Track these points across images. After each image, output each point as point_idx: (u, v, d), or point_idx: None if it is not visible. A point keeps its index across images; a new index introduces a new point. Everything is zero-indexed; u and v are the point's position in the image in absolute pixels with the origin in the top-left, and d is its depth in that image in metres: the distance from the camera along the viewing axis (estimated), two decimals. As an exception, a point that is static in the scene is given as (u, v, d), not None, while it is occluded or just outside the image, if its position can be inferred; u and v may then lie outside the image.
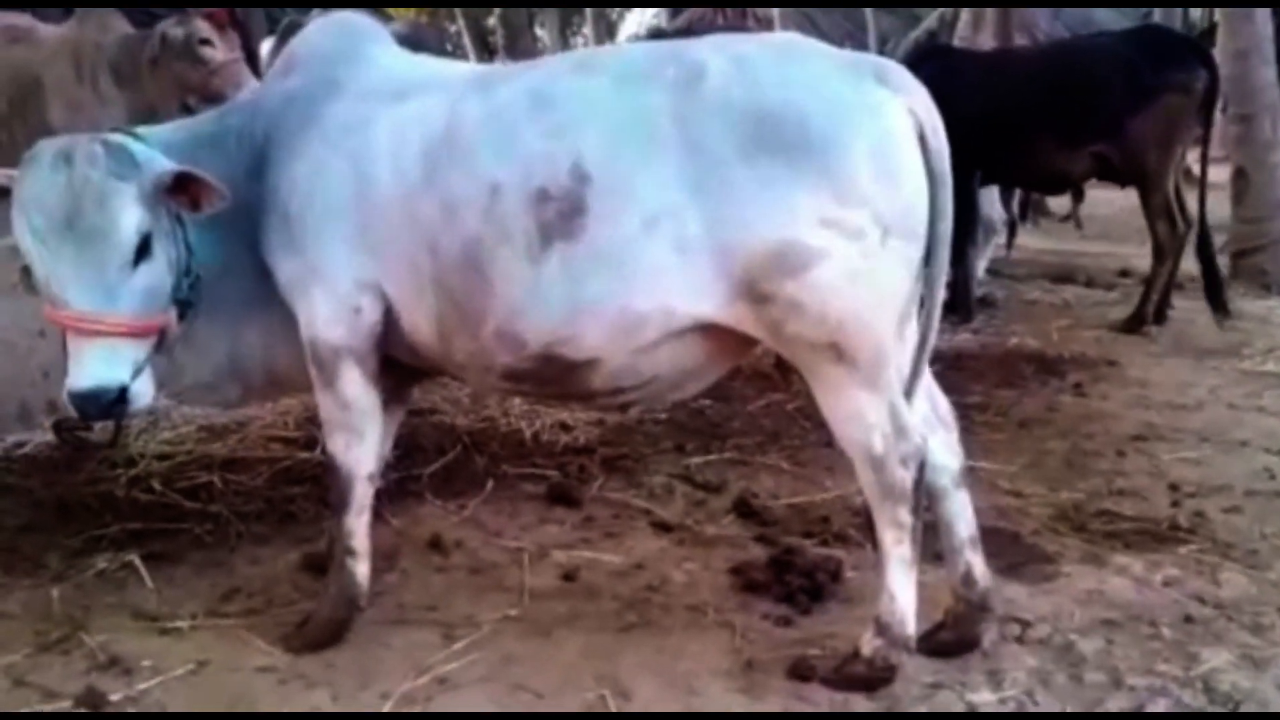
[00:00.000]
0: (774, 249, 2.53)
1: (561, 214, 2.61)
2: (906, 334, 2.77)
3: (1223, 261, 8.45)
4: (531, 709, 2.68)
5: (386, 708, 2.68)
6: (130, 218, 2.60)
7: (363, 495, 3.02)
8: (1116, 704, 2.70)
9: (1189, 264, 7.24)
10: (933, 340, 2.80)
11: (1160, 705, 2.67)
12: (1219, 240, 7.66)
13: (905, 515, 2.70)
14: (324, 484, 3.88)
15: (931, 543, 2.89)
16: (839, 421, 2.70)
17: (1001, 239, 8.99)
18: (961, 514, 2.91)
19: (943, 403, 2.96)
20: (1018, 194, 10.01)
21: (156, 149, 2.78)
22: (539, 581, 3.40)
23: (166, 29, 5.86)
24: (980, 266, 8.02)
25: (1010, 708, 2.70)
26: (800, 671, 2.83)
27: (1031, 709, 2.68)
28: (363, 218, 2.81)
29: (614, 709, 2.67)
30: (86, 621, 3.07)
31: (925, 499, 2.76)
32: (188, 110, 6.14)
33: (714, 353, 2.79)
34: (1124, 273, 9.15)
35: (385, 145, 2.80)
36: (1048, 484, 4.23)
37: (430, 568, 3.50)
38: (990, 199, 8.17)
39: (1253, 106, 8.67)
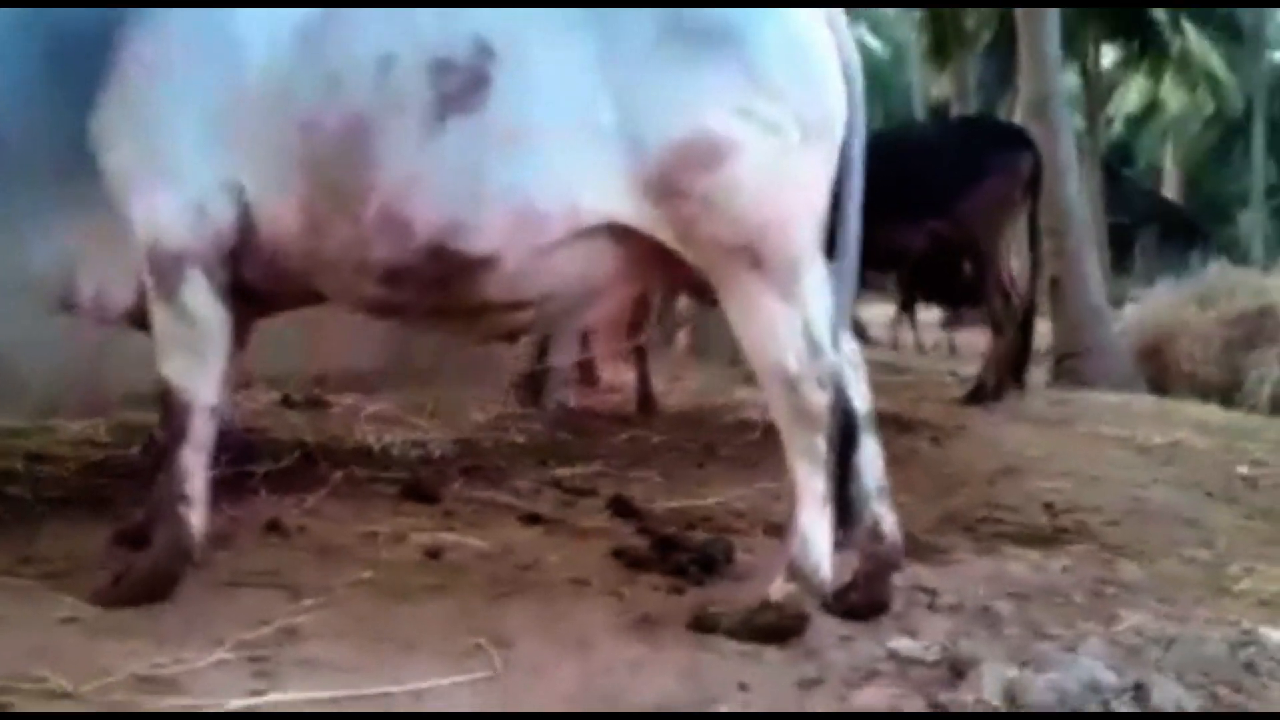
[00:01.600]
0: (689, 139, 2.38)
1: (463, 86, 2.39)
2: (818, 262, 2.60)
3: (1047, 365, 9.10)
4: (397, 660, 2.27)
5: (220, 655, 2.24)
6: None
7: (202, 429, 2.62)
8: (1041, 651, 2.50)
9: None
10: (853, 273, 2.64)
11: (1089, 650, 2.48)
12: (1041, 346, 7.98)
13: (820, 443, 2.49)
14: (141, 475, 3.48)
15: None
16: (751, 338, 2.51)
17: None
18: (871, 463, 2.70)
19: (849, 343, 2.78)
20: None
21: None
22: (397, 556, 3.02)
23: None
24: None
25: (934, 655, 2.46)
26: (703, 623, 2.54)
27: (959, 657, 2.44)
28: (221, 100, 2.51)
29: (497, 661, 2.29)
30: None
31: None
32: None
33: (619, 266, 2.57)
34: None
35: (255, 19, 2.53)
36: (924, 500, 4.07)
37: (270, 544, 3.06)
38: None
39: (1062, 223, 9.13)
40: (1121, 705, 2.17)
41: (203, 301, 2.57)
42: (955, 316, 12.79)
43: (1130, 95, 30.81)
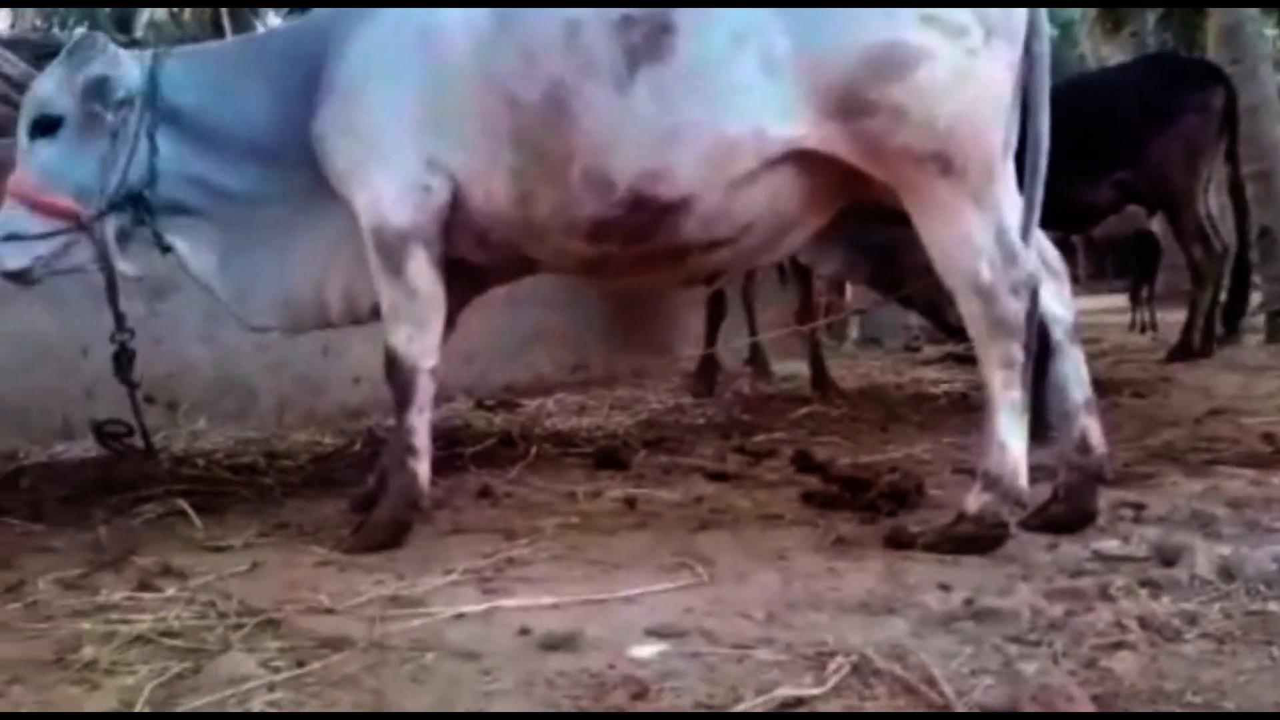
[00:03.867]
0: (875, 52, 2.46)
1: (648, 36, 2.57)
2: (1009, 166, 2.65)
3: (1256, 323, 8.38)
4: (610, 579, 2.46)
5: (453, 579, 2.49)
6: (38, 92, 2.96)
7: (425, 390, 2.88)
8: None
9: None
10: (1043, 172, 2.65)
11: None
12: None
13: (1016, 351, 2.52)
14: (363, 461, 3.83)
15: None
16: (944, 246, 2.56)
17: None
18: (1075, 374, 2.71)
19: (1050, 249, 2.78)
20: None
21: (178, 70, 2.99)
22: (596, 507, 3.24)
23: None
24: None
25: (1142, 552, 2.45)
26: (899, 539, 2.61)
27: (1167, 546, 2.41)
28: (430, 87, 2.77)
29: (703, 576, 2.44)
30: (137, 548, 2.87)
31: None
32: None
33: (808, 194, 2.68)
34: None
35: (451, 13, 2.78)
36: (1128, 440, 3.92)
37: (482, 505, 3.33)
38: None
39: (1268, 163, 8.46)
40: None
41: (425, 275, 2.83)
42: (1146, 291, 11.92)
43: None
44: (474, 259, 2.96)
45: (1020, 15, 2.56)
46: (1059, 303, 2.72)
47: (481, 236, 2.87)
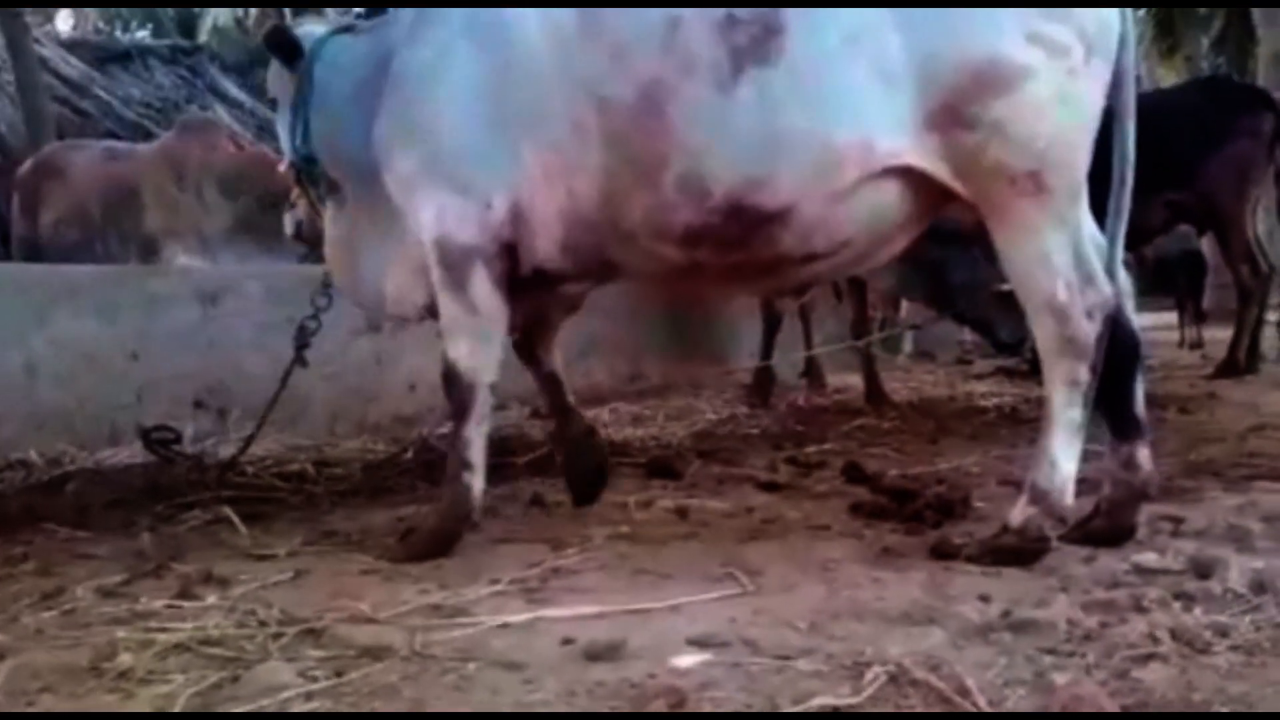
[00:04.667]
0: (980, 66, 2.42)
1: (755, 37, 2.49)
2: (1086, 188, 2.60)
3: None
4: (656, 589, 2.44)
5: (498, 589, 2.47)
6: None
7: (483, 404, 2.85)
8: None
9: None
10: (1129, 186, 2.61)
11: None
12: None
13: (1083, 373, 2.49)
14: (418, 463, 3.84)
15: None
16: (1023, 265, 2.52)
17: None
18: (1133, 394, 2.65)
19: (1122, 273, 2.71)
20: None
21: (340, 44, 3.12)
22: (647, 516, 3.23)
23: None
24: None
25: (1179, 565, 2.44)
26: (943, 550, 2.60)
27: (1202, 559, 2.42)
28: (501, 91, 2.71)
29: (747, 582, 2.44)
30: (180, 556, 2.88)
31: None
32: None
33: (905, 209, 2.61)
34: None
35: (526, 13, 2.71)
36: (1171, 455, 3.89)
37: (533, 514, 3.33)
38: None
39: None
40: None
41: (487, 292, 2.79)
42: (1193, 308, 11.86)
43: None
44: (552, 266, 2.86)
45: (1114, 30, 2.50)
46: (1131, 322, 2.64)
47: (563, 240, 2.78)
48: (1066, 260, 2.47)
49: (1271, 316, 7.56)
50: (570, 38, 2.65)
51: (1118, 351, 2.53)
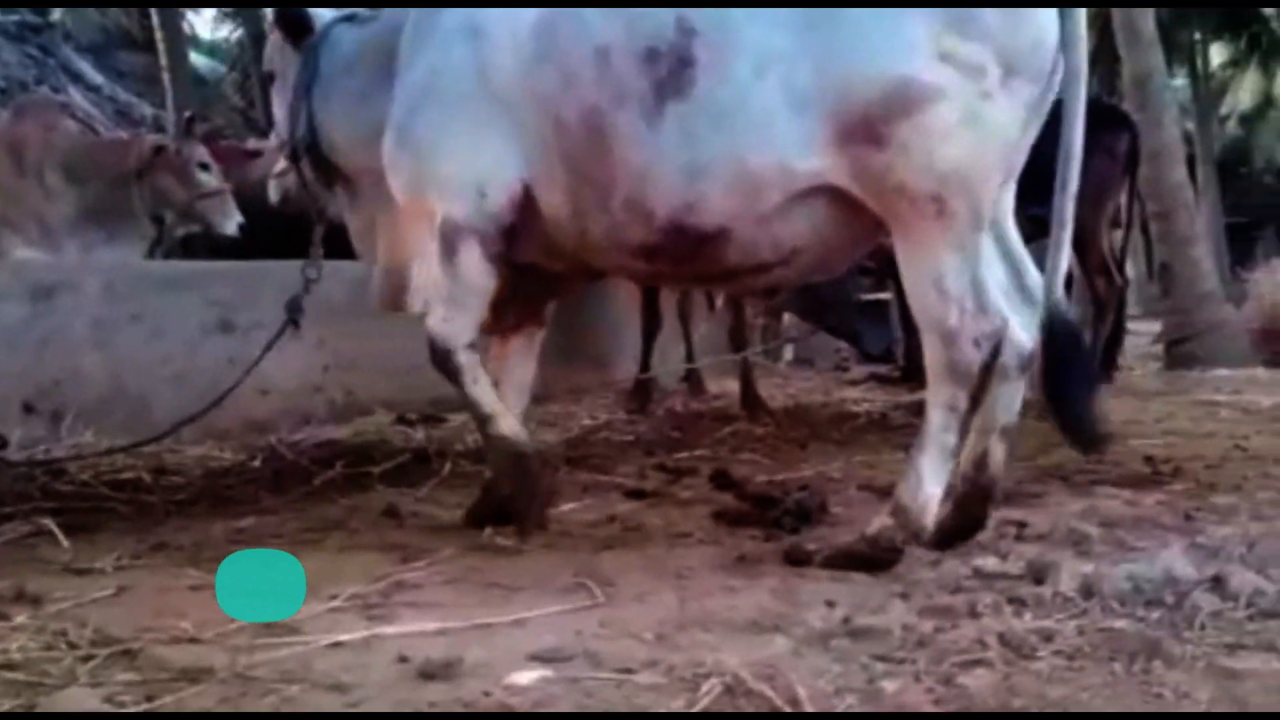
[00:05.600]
0: (888, 86, 2.38)
1: (672, 70, 2.52)
2: (1005, 198, 2.66)
3: (1157, 350, 8.97)
4: (503, 602, 2.35)
5: (335, 604, 2.34)
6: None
7: (469, 361, 2.91)
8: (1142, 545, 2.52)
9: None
10: (1075, 185, 2.61)
11: (1171, 550, 2.47)
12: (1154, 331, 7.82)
13: (962, 400, 2.49)
14: (267, 472, 3.67)
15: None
16: (918, 285, 2.50)
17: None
18: (1008, 400, 2.67)
19: (1032, 275, 2.71)
20: None
21: (343, 33, 3.28)
22: (505, 527, 3.06)
23: (166, 143, 6.34)
24: None
25: (1017, 570, 2.45)
26: (796, 556, 2.59)
27: (1039, 564, 2.44)
28: (486, 102, 2.80)
29: (598, 593, 2.37)
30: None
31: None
32: (160, 222, 6.29)
33: (850, 219, 2.59)
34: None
35: (501, 28, 2.78)
36: (1020, 460, 3.82)
37: (384, 525, 3.18)
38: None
39: (1169, 204, 8.89)
40: (1199, 597, 2.14)
41: (474, 265, 2.85)
42: None
43: (1242, 93, 29.68)
44: (547, 266, 3.02)
45: (1049, 49, 2.46)
46: (1023, 331, 2.62)
47: (548, 246, 2.90)
48: (962, 285, 2.45)
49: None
50: (528, 56, 2.74)
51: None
